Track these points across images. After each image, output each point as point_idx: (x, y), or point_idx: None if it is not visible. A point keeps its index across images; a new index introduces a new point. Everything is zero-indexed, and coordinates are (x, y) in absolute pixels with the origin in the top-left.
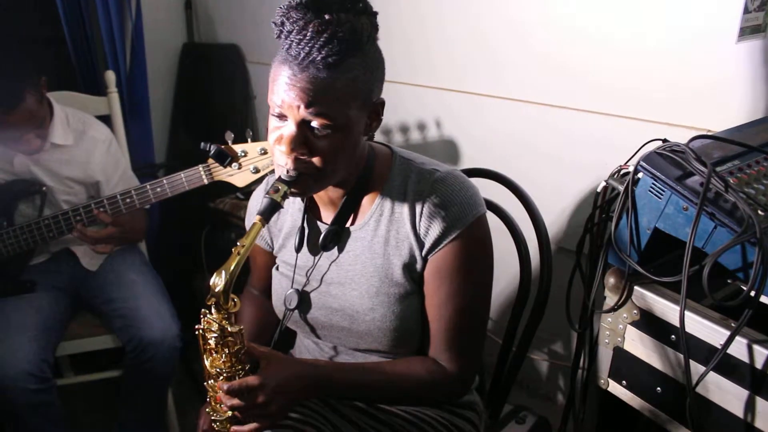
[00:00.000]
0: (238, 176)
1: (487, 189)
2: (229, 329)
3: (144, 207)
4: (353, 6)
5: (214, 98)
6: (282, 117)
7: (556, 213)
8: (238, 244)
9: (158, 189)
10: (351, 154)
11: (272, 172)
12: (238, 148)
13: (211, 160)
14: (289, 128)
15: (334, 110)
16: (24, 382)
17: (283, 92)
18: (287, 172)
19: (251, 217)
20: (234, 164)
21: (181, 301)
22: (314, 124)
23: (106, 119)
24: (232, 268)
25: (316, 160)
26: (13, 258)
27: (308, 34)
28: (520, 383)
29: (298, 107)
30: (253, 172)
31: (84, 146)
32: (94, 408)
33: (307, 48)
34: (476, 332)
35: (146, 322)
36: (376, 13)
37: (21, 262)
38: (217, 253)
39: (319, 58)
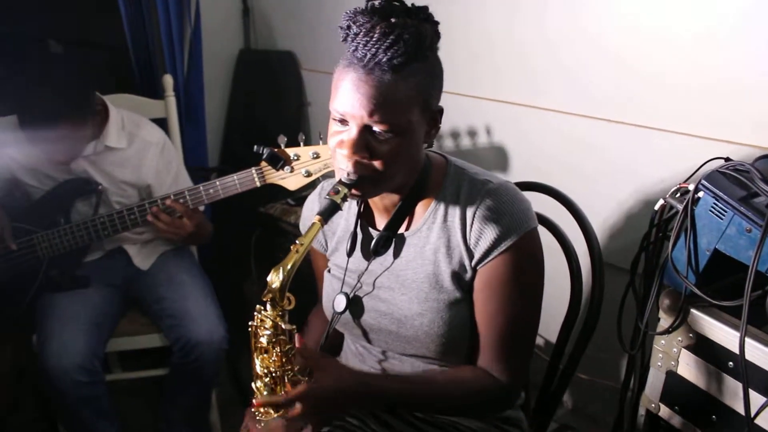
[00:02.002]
0: (290, 179)
1: (538, 203)
2: (283, 326)
3: (198, 207)
4: (418, 13)
5: (268, 105)
6: (343, 122)
7: (608, 229)
8: (297, 242)
9: (211, 190)
10: (410, 159)
11: (324, 176)
12: (290, 151)
13: (263, 163)
14: (351, 133)
15: (396, 116)
16: (75, 374)
17: (346, 98)
18: (347, 175)
19: (306, 220)
20: (286, 167)
21: (229, 305)
22: (376, 129)
23: (163, 122)
24: (290, 265)
25: (376, 163)
26: (69, 254)
27: (375, 36)
28: (564, 401)
29: (362, 115)
30: (305, 176)
31: (136, 149)
32: (140, 405)
33: (374, 50)
34: (525, 345)
35: (194, 323)
36: (437, 23)
37: (76, 259)
38: (266, 258)
39: (384, 59)
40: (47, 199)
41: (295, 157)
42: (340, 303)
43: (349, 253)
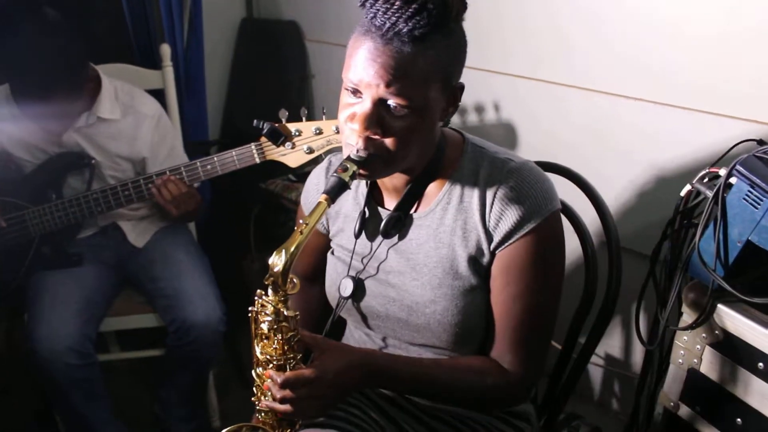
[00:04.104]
0: (291, 156)
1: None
2: (285, 313)
3: (194, 184)
4: None
5: (270, 76)
6: (356, 93)
7: (625, 213)
8: (301, 222)
9: (208, 166)
10: (425, 138)
11: (329, 152)
12: (292, 127)
13: (263, 139)
14: (364, 106)
15: (414, 90)
16: (66, 357)
17: (361, 68)
18: (357, 151)
19: (310, 194)
20: (287, 143)
21: (228, 283)
22: (391, 102)
23: (161, 93)
24: (293, 247)
25: (388, 141)
26: (61, 231)
27: (396, 3)
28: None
29: (377, 85)
30: (307, 152)
31: (131, 120)
32: (138, 383)
33: (394, 18)
34: (543, 335)
35: (190, 304)
36: None
37: (69, 235)
38: (266, 235)
39: (405, 29)
40: (38, 174)
41: (297, 133)
42: (347, 287)
43: (357, 235)
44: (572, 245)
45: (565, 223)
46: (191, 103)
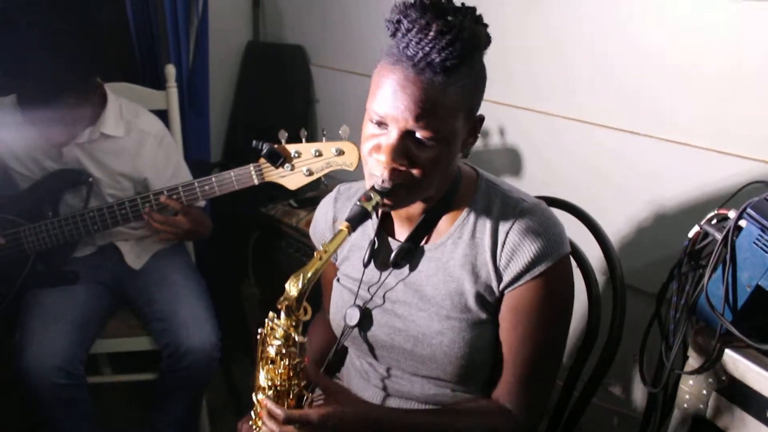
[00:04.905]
0: (290, 178)
1: None
2: (296, 339)
3: (194, 204)
4: (471, 13)
5: (275, 99)
6: (381, 125)
7: (629, 249)
8: (321, 248)
9: (206, 187)
10: (448, 168)
11: (324, 177)
12: (291, 148)
13: (263, 160)
14: (390, 137)
15: (443, 122)
16: (54, 376)
17: (390, 100)
18: (382, 182)
19: (318, 225)
20: (286, 165)
21: (226, 307)
22: (419, 134)
23: (164, 114)
24: (310, 273)
25: (415, 171)
26: (57, 248)
27: (431, 33)
28: None
29: (406, 119)
30: (306, 175)
31: (134, 138)
32: (130, 405)
33: (427, 48)
34: (548, 378)
35: (185, 328)
36: (487, 25)
37: (64, 254)
38: (264, 260)
39: (438, 60)
40: (35, 190)
41: (296, 155)
42: (353, 316)
43: (366, 264)
44: (576, 283)
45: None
46: (194, 124)
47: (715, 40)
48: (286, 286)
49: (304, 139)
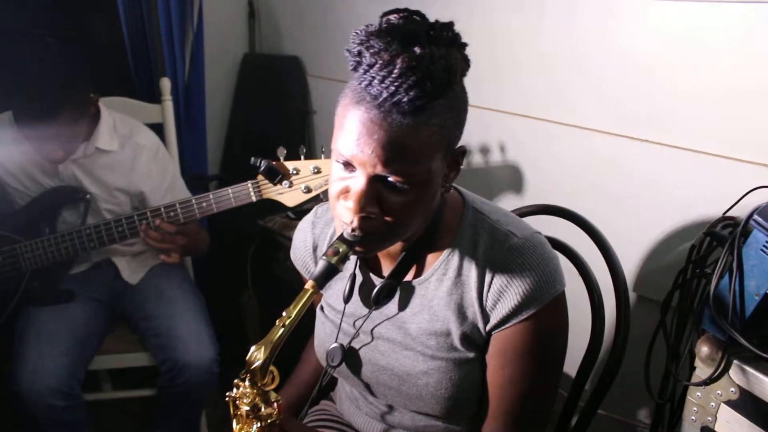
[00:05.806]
0: (288, 195)
1: (555, 228)
2: (263, 411)
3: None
4: (443, 35)
5: (272, 110)
6: (349, 166)
7: (632, 257)
8: (284, 314)
9: (204, 203)
10: (426, 210)
11: (323, 194)
12: (290, 165)
13: (261, 177)
14: (358, 183)
15: (415, 166)
16: (50, 398)
17: (354, 143)
18: (352, 230)
19: (297, 252)
20: (285, 182)
21: (225, 320)
22: (390, 179)
23: (160, 128)
24: (274, 340)
25: (387, 218)
26: (53, 266)
27: (395, 70)
28: None
29: (374, 165)
30: (305, 192)
31: (129, 152)
32: (129, 422)
33: (392, 88)
34: (538, 418)
35: (182, 344)
36: (465, 45)
37: (60, 271)
38: (263, 273)
39: (405, 99)
40: (32, 207)
41: (294, 172)
42: (335, 355)
43: (347, 300)
44: (579, 291)
45: (571, 267)
46: (190, 137)
47: (719, 44)
48: (248, 357)
49: (302, 156)
